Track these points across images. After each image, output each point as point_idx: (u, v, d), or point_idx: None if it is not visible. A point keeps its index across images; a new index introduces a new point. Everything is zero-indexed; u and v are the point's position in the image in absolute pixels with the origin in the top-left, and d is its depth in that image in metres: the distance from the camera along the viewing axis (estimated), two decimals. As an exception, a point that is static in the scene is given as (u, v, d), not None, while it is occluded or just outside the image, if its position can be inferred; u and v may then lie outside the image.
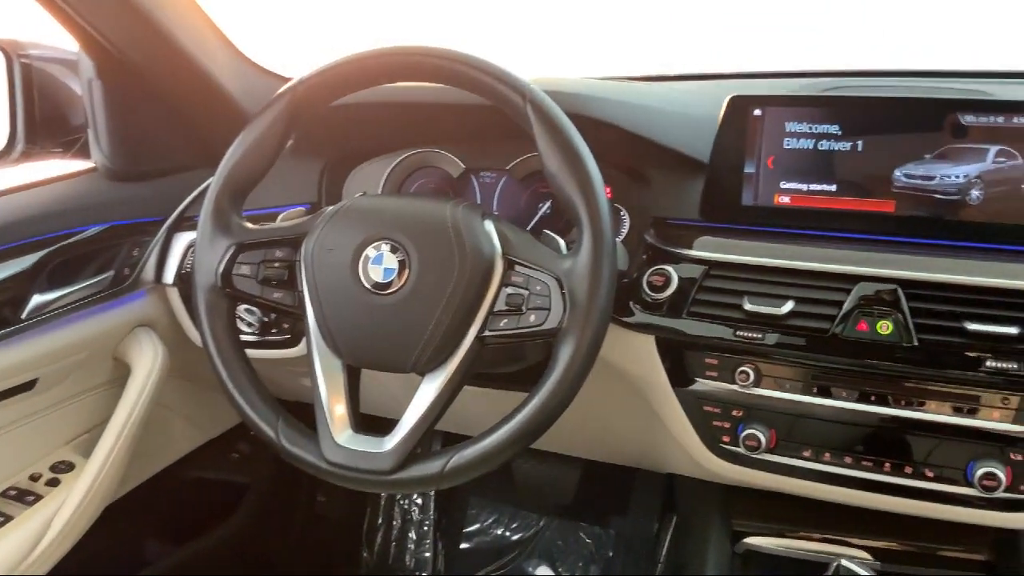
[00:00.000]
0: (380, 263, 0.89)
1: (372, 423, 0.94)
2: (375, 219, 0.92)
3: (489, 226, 0.91)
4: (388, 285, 0.88)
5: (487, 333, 0.88)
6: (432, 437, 1.74)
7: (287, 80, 0.98)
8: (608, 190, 1.11)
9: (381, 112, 1.18)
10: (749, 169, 1.03)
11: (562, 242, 0.93)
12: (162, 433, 1.45)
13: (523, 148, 1.16)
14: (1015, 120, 0.93)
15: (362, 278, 0.89)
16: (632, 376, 1.11)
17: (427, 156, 1.25)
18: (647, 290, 1.04)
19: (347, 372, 0.92)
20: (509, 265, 0.89)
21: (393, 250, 0.89)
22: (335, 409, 0.91)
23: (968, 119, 0.95)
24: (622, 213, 1.15)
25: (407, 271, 0.88)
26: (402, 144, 1.25)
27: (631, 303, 1.06)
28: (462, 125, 1.19)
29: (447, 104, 1.11)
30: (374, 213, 0.94)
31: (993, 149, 0.94)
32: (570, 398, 0.85)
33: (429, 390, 0.88)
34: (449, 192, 1.24)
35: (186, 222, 1.29)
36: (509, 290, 0.88)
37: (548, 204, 1.20)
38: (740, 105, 1.02)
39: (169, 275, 1.28)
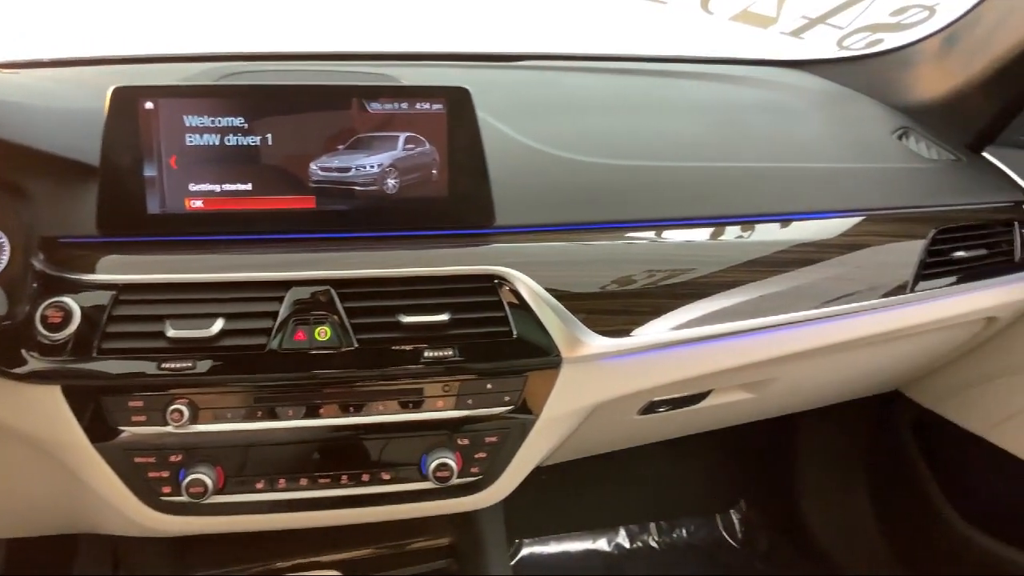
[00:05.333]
0: None
1: None
2: None
3: None
4: None
5: None
6: None
7: None
8: (-30, 210, 0.93)
9: None
10: (150, 172, 0.93)
11: None
12: None
13: None
14: (419, 106, 0.98)
15: None
16: (37, 438, 0.94)
17: None
18: (42, 330, 0.89)
19: None
20: None
21: None
22: None
23: (375, 106, 0.97)
24: None
25: None
26: None
27: (23, 350, 0.89)
28: None
29: None
30: None
31: (403, 136, 0.98)
32: None
33: None
34: None
35: None
36: None
37: None
38: (126, 98, 0.91)
39: None
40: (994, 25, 1.31)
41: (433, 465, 0.99)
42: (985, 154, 1.42)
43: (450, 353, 0.96)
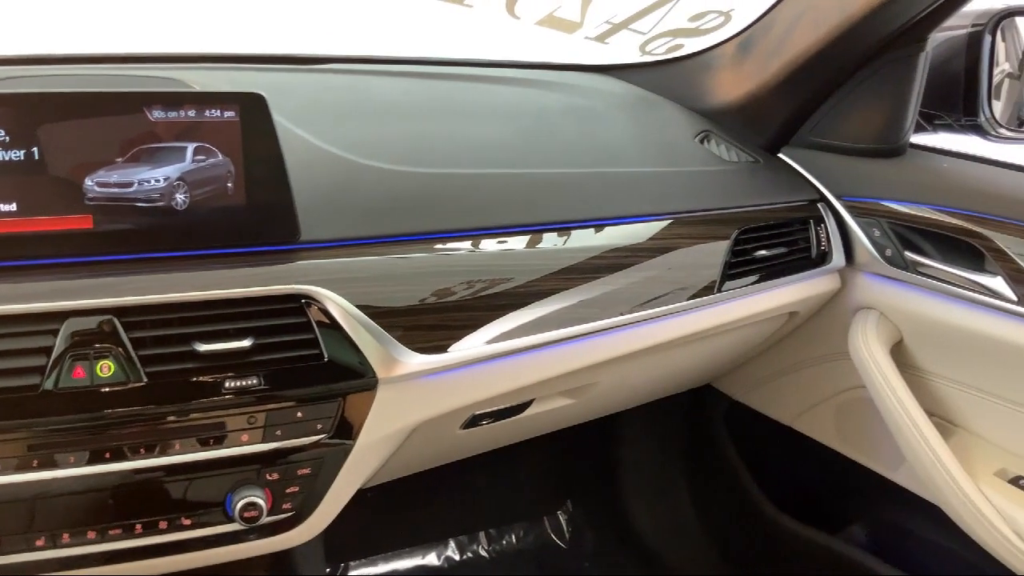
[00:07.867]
0: None
1: None
2: None
3: None
4: None
5: None
6: None
7: None
8: None
9: None
10: None
11: None
12: None
13: None
14: (208, 113, 0.91)
15: None
16: None
17: None
18: None
19: None
20: None
21: None
22: None
23: (158, 114, 0.89)
24: None
25: None
26: None
27: None
28: None
29: None
30: None
31: (191, 146, 0.90)
32: None
33: None
34: None
35: None
36: None
37: None
38: None
39: None
40: (784, 31, 1.39)
41: (239, 505, 0.92)
42: (781, 155, 1.50)
43: (254, 382, 0.90)
